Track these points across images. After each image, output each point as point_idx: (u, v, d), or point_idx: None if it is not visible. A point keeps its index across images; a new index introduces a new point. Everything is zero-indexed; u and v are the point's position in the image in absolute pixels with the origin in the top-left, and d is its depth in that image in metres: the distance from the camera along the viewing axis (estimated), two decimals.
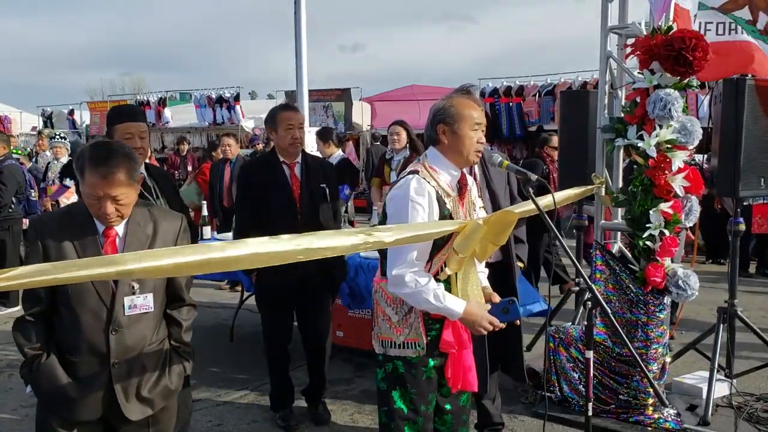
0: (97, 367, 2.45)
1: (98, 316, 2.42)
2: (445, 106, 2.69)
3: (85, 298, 2.41)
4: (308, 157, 4.40)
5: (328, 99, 17.39)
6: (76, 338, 2.42)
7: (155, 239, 2.52)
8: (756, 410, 4.41)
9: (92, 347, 2.43)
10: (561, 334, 4.51)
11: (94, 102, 25.48)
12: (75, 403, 2.44)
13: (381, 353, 2.72)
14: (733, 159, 4.32)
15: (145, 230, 2.51)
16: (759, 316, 6.86)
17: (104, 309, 2.43)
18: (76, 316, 2.40)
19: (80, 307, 2.40)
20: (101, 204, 2.37)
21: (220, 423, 4.39)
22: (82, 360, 2.44)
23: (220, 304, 7.52)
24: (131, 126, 3.32)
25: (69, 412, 2.45)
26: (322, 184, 4.27)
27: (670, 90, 3.93)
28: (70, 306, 2.40)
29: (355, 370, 5.31)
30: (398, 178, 2.76)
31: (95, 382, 2.45)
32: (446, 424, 2.84)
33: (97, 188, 2.35)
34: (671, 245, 4.07)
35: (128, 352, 2.48)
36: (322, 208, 4.23)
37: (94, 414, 2.47)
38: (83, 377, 2.44)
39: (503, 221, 2.61)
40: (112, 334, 2.44)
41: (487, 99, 14.95)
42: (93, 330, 2.42)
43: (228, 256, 2.10)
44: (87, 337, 2.42)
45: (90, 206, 2.41)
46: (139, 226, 2.50)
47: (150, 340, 2.55)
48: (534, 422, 4.32)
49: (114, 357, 2.45)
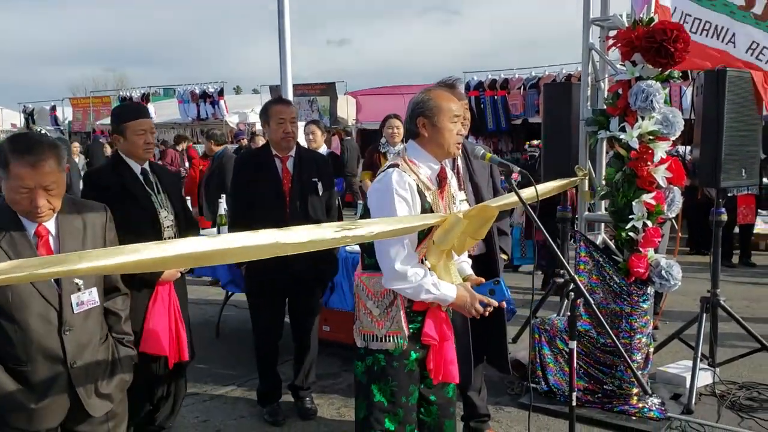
0: (53, 371, 2.35)
1: (47, 320, 2.33)
2: (424, 99, 2.69)
3: (29, 303, 2.29)
4: (302, 151, 4.35)
5: (312, 93, 17.34)
6: (24, 346, 2.29)
7: (86, 233, 2.46)
8: (739, 398, 4.46)
9: (46, 352, 2.33)
10: (546, 326, 4.54)
11: (76, 98, 25.29)
12: (36, 413, 2.32)
13: (363, 347, 2.72)
14: (714, 149, 4.36)
15: (75, 224, 2.44)
16: (742, 305, 6.93)
17: (52, 310, 2.34)
18: (21, 323, 2.28)
19: (25, 313, 2.28)
20: (32, 196, 2.24)
21: (207, 419, 4.38)
22: (34, 368, 2.31)
23: (205, 300, 7.50)
24: (144, 123, 3.47)
25: (30, 423, 2.32)
26: (314, 179, 4.22)
27: (652, 81, 3.95)
28: (10, 314, 2.27)
29: (341, 364, 5.31)
30: (378, 172, 2.76)
31: (54, 387, 2.35)
32: (432, 416, 2.85)
33: (27, 179, 2.22)
34: (654, 236, 4.10)
35: (83, 351, 2.42)
36: (312, 203, 4.19)
37: (57, 419, 2.39)
38: (39, 384, 2.32)
39: (483, 215, 2.62)
40: (65, 335, 2.36)
41: (472, 92, 14.96)
42: (44, 334, 2.32)
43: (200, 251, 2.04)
44: (38, 342, 2.31)
45: (17, 202, 2.27)
46: (68, 220, 2.42)
47: (100, 335, 2.52)
48: (520, 413, 4.34)
49: (70, 358, 2.37)
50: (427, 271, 2.60)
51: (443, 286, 2.61)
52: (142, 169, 3.51)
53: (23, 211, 2.30)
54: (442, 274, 2.64)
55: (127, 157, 3.47)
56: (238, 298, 6.72)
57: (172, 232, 3.53)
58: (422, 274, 2.57)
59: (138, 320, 3.35)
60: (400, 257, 2.55)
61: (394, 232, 2.47)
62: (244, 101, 21.29)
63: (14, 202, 2.29)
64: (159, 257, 1.94)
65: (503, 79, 15.13)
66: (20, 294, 2.27)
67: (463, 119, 2.75)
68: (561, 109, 5.03)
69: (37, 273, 1.78)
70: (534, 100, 14.20)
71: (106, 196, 3.28)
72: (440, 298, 2.61)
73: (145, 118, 3.51)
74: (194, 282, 8.40)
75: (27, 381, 2.31)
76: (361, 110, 17.65)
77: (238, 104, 20.14)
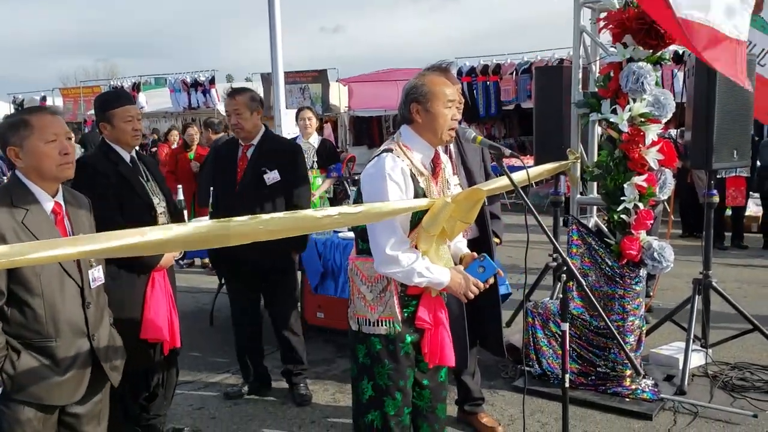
0: (79, 345, 2.48)
1: (73, 295, 2.46)
2: (418, 84, 2.67)
3: (58, 280, 2.41)
4: (266, 141, 4.25)
5: (304, 81, 17.23)
6: (54, 322, 2.40)
7: (83, 218, 2.61)
8: (731, 378, 4.49)
9: (72, 326, 2.46)
10: (539, 309, 4.55)
11: (67, 88, 25.06)
12: (62, 386, 2.43)
13: (356, 331, 2.72)
14: (705, 132, 4.35)
15: (75, 207, 2.59)
16: (734, 287, 6.97)
17: (76, 286, 2.47)
18: (50, 299, 2.39)
19: (54, 290, 2.40)
20: (62, 142, 2.43)
21: (201, 406, 4.38)
22: (62, 342, 2.43)
23: (198, 288, 7.49)
24: (130, 109, 3.46)
25: (56, 396, 2.43)
26: (263, 168, 4.13)
27: (643, 63, 3.94)
28: (40, 292, 2.37)
29: (336, 350, 5.32)
30: (372, 157, 2.75)
31: (79, 359, 2.48)
32: (424, 400, 2.85)
33: (54, 125, 2.44)
34: (646, 218, 4.11)
35: (99, 325, 2.58)
36: (260, 193, 4.11)
37: (80, 392, 2.50)
38: (66, 357, 2.44)
39: (471, 198, 2.61)
40: (87, 309, 2.50)
41: (464, 78, 14.89)
42: (71, 309, 2.45)
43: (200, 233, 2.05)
44: (67, 317, 2.43)
45: (46, 156, 2.41)
46: (69, 202, 2.57)
47: (107, 311, 2.69)
48: (514, 396, 4.36)
49: (91, 331, 2.52)
50: (419, 255, 2.59)
51: (436, 269, 2.60)
52: (131, 156, 3.49)
53: (50, 168, 2.43)
54: (434, 259, 2.63)
55: (115, 144, 3.45)
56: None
57: (165, 218, 3.54)
58: (414, 258, 2.56)
59: (136, 307, 3.36)
60: (391, 242, 2.54)
61: (382, 215, 2.46)
62: None
63: (43, 156, 2.41)
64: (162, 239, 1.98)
65: (495, 65, 15.06)
66: (49, 271, 2.38)
67: (457, 103, 2.72)
68: (553, 93, 5.02)
69: (66, 253, 1.85)
70: (526, 85, 14.15)
71: (104, 184, 3.29)
72: (433, 281, 2.61)
73: (131, 105, 3.49)
74: (188, 270, 8.41)
75: (54, 356, 2.41)
76: (353, 97, 17.58)
77: None
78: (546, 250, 5.97)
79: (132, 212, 3.31)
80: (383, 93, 16.34)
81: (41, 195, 2.45)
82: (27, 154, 2.42)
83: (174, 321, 3.52)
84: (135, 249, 1.90)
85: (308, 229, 2.34)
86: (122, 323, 2.90)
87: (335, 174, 6.67)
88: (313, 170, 6.48)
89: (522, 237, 2.60)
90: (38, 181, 2.45)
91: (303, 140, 6.50)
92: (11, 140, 2.42)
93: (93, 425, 2.60)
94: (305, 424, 4.09)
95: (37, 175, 2.44)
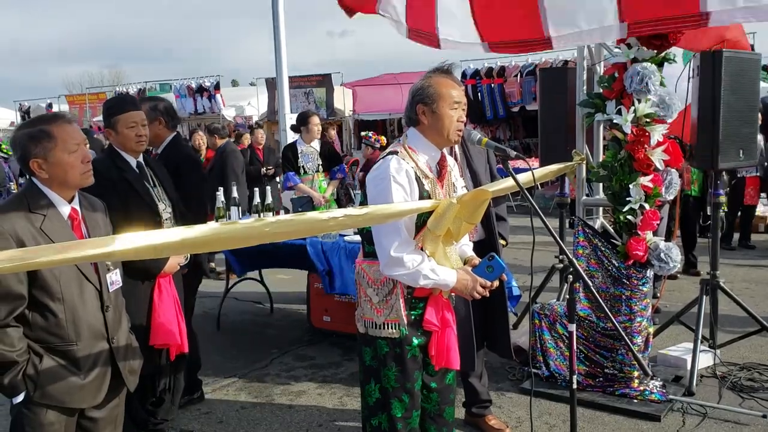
0: (99, 348, 2.50)
1: (93, 298, 2.48)
2: (424, 86, 2.67)
3: (78, 283, 2.43)
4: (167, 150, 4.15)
5: (308, 85, 17.29)
6: (75, 326, 2.42)
7: (99, 222, 2.62)
8: (740, 379, 4.47)
9: (93, 329, 2.48)
10: (546, 311, 4.54)
11: (72, 95, 25.20)
12: (84, 389, 2.45)
13: (363, 333, 2.72)
14: (711, 131, 4.33)
15: (90, 211, 2.60)
16: (742, 287, 6.94)
17: (95, 290, 2.49)
18: (70, 302, 2.40)
19: (74, 293, 2.42)
20: (82, 152, 2.45)
21: (208, 411, 4.39)
22: (83, 345, 2.45)
23: (205, 293, 7.47)
24: (135, 114, 3.46)
25: (78, 399, 2.45)
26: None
27: (647, 64, 3.93)
28: (60, 296, 2.38)
29: (343, 353, 5.32)
30: (378, 159, 2.75)
31: (100, 362, 2.50)
32: (432, 402, 2.85)
33: (76, 134, 2.46)
34: (652, 219, 4.10)
35: (117, 328, 2.59)
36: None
37: (101, 395, 2.52)
38: (87, 360, 2.46)
39: (477, 199, 2.60)
40: (106, 313, 2.52)
41: (469, 81, 14.92)
42: (91, 312, 2.47)
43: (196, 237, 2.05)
44: (87, 321, 2.45)
45: (71, 166, 2.42)
46: (84, 207, 2.58)
47: (124, 314, 2.69)
48: (521, 398, 4.35)
49: (111, 334, 2.54)
50: (424, 256, 2.58)
51: (442, 271, 2.60)
52: (137, 162, 3.50)
53: (75, 177, 2.45)
54: (441, 260, 2.63)
55: (121, 150, 3.46)
56: (238, 290, 6.74)
57: (170, 224, 3.54)
58: (419, 260, 2.56)
59: (141, 313, 3.37)
60: (396, 244, 2.54)
61: (386, 217, 2.46)
62: (241, 94, 21.23)
63: (68, 167, 2.42)
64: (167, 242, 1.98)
65: (500, 67, 15.07)
66: (68, 275, 2.40)
67: (463, 105, 2.73)
68: (557, 94, 5.01)
69: (83, 255, 1.84)
70: (531, 87, 14.16)
71: (111, 190, 3.29)
72: (439, 283, 2.60)
73: (136, 111, 3.48)
74: None
75: (75, 359, 2.43)
76: (357, 101, 17.61)
77: (235, 97, 20.07)
78: (552, 251, 5.98)
79: (137, 218, 3.31)
80: (387, 96, 16.38)
81: (58, 201, 2.46)
82: (53, 165, 2.41)
83: (181, 326, 3.52)
84: (140, 252, 1.89)
85: (314, 231, 2.34)
86: None
87: (340, 175, 6.67)
88: (319, 173, 6.49)
89: (528, 239, 2.60)
90: (58, 189, 2.46)
91: (306, 144, 6.49)
92: (34, 152, 2.40)
93: (110, 430, 2.63)
94: (312, 428, 4.08)
95: (60, 184, 2.45)
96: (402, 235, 2.56)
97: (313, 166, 6.45)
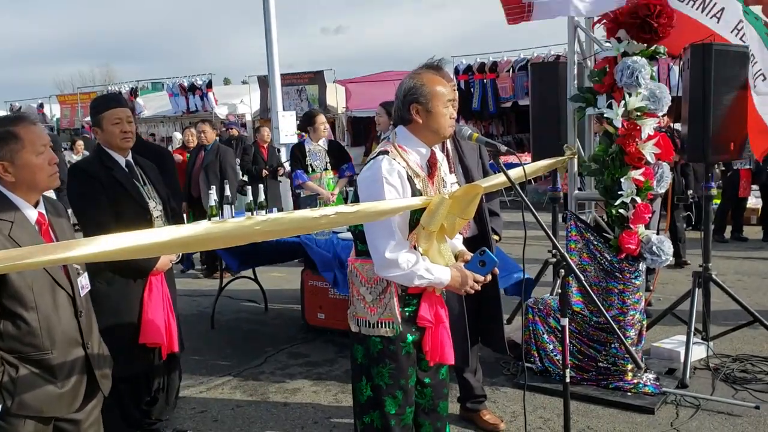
0: (74, 354, 2.45)
1: (66, 304, 2.43)
2: (417, 85, 2.64)
3: (49, 290, 2.36)
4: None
5: (301, 82, 17.26)
6: (49, 333, 2.35)
7: (64, 226, 2.56)
8: (732, 371, 4.50)
9: (67, 336, 2.42)
10: (539, 306, 4.55)
11: (63, 95, 25.12)
12: (61, 397, 2.40)
13: (356, 332, 2.72)
14: (702, 124, 4.35)
15: (55, 216, 2.53)
16: (734, 279, 6.98)
17: (68, 295, 2.44)
18: (44, 310, 2.34)
19: (47, 300, 2.35)
20: (48, 153, 2.39)
21: (204, 410, 4.38)
22: (58, 353, 2.38)
23: (199, 292, 7.49)
24: (119, 111, 3.42)
25: (56, 407, 2.40)
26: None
27: (637, 57, 3.94)
28: (33, 304, 2.31)
29: (337, 350, 5.32)
30: (368, 159, 2.73)
31: (75, 369, 2.45)
32: (426, 398, 2.85)
33: (43, 136, 2.40)
34: (644, 212, 4.11)
35: (91, 333, 2.55)
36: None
37: (78, 402, 2.46)
38: (62, 368, 2.40)
39: (469, 194, 2.60)
40: (80, 318, 2.47)
41: (461, 76, 14.92)
42: (65, 319, 2.42)
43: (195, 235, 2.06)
44: (61, 327, 2.39)
45: (38, 168, 2.36)
46: (50, 212, 2.51)
47: (94, 318, 2.63)
48: (516, 393, 4.36)
49: (85, 340, 2.49)
50: (418, 256, 2.58)
51: (436, 270, 2.59)
52: (126, 161, 3.48)
53: (43, 180, 2.39)
54: (436, 257, 2.63)
55: (109, 149, 3.44)
56: (233, 288, 6.73)
57: (161, 222, 3.52)
58: (414, 260, 2.55)
59: (133, 311, 3.36)
60: (390, 245, 2.53)
61: (378, 214, 2.46)
62: (233, 92, 21.19)
63: (37, 169, 2.36)
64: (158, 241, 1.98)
65: (492, 62, 15.07)
66: (41, 282, 2.34)
67: (454, 102, 2.72)
68: (549, 89, 5.02)
69: (58, 257, 1.83)
70: (523, 82, 14.16)
71: (99, 189, 3.28)
72: (434, 282, 2.60)
73: (121, 107, 3.44)
74: (188, 275, 8.41)
75: (50, 367, 2.37)
76: (350, 98, 17.58)
77: (227, 95, 20.03)
78: (545, 246, 5.97)
79: (127, 217, 3.29)
80: (381, 93, 16.34)
81: (24, 206, 2.38)
82: (20, 168, 2.34)
83: (172, 325, 3.51)
84: (131, 251, 1.89)
85: (305, 229, 2.34)
86: (121, 328, 2.90)
87: (348, 173, 6.66)
88: (327, 171, 6.51)
89: (521, 233, 2.60)
90: (25, 193, 2.38)
91: (313, 143, 6.50)
92: (0, 155, 2.33)
93: (94, 430, 2.59)
94: (308, 425, 4.09)
95: (27, 187, 2.38)
96: (396, 236, 2.54)
97: (321, 165, 6.49)
